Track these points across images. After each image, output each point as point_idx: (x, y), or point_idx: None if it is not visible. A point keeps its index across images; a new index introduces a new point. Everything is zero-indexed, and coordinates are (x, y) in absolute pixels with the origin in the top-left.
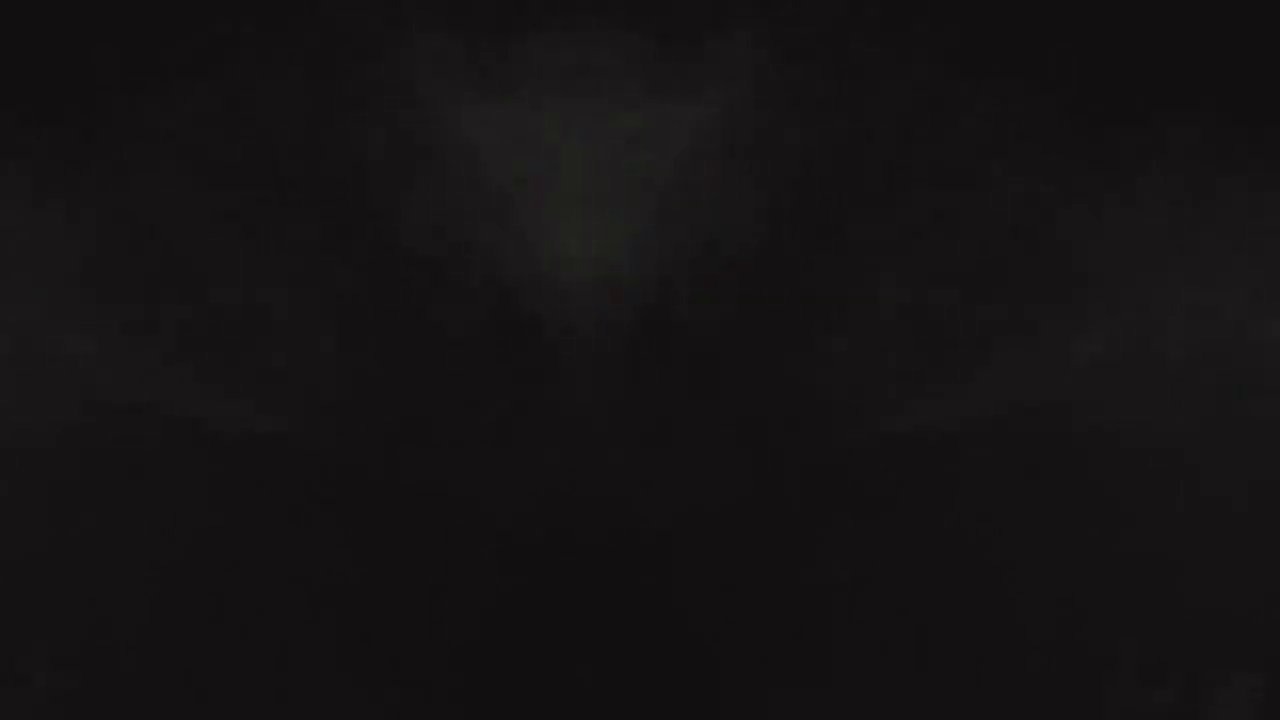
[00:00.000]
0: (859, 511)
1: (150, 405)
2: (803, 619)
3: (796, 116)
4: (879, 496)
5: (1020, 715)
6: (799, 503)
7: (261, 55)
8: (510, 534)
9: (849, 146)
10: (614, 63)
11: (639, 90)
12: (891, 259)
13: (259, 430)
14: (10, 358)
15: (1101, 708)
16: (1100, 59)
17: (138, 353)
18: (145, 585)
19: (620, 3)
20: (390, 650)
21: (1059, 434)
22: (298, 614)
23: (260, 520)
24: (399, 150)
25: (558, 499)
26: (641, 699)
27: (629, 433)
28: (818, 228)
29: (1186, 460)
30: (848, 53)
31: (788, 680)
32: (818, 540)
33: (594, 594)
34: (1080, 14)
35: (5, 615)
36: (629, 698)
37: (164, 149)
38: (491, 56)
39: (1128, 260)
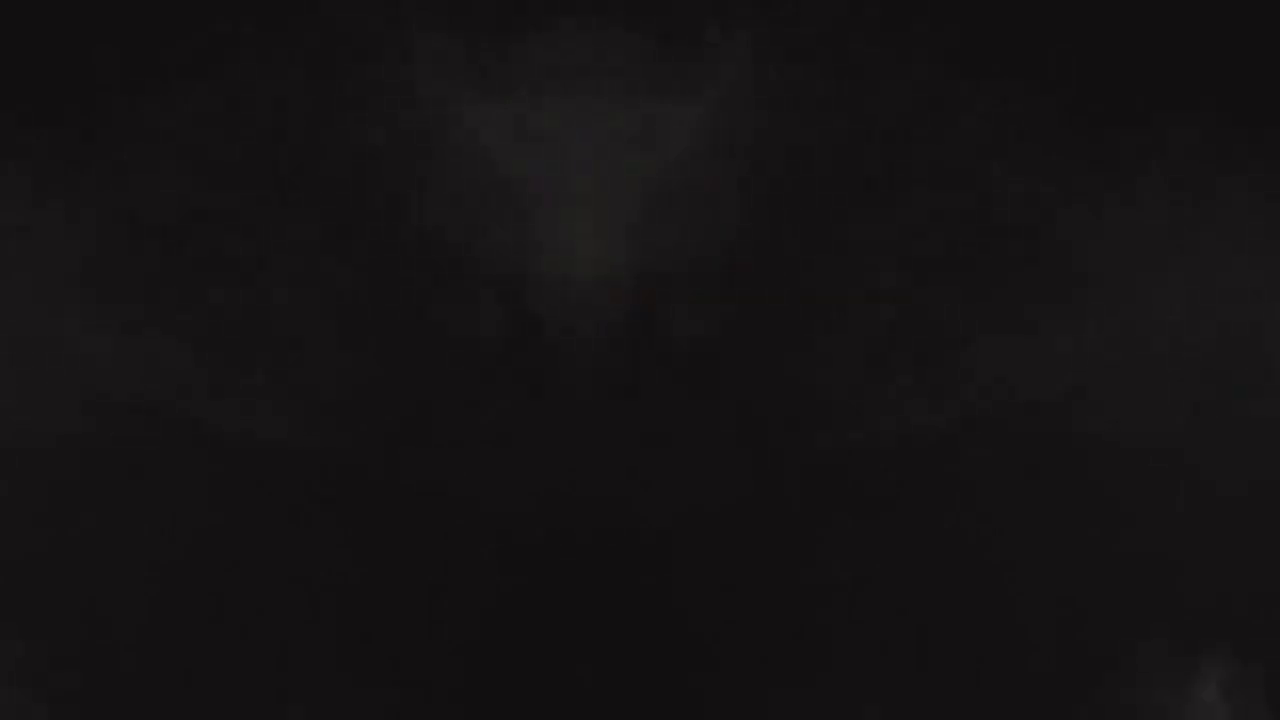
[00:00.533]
0: (859, 511)
1: (150, 405)
2: (803, 619)
3: (796, 116)
4: (879, 496)
5: (1020, 715)
6: (799, 503)
7: (261, 55)
8: (510, 534)
9: (849, 146)
10: (614, 62)
11: (639, 90)
12: (891, 258)
13: (259, 430)
14: (10, 358)
15: (1101, 707)
16: (1100, 59)
17: (138, 353)
18: (145, 585)
19: (621, 2)
20: (390, 650)
21: (1059, 434)
22: (298, 614)
23: (260, 520)
24: (398, 150)
25: (558, 499)
26: (641, 699)
27: (629, 432)
28: (817, 227)
29: (1186, 460)
30: (848, 53)
31: (788, 680)
32: (818, 540)
33: (594, 594)
34: (1080, 14)
35: (5, 615)
36: (629, 698)
37: (164, 149)
38: (491, 56)
39: (1128, 260)
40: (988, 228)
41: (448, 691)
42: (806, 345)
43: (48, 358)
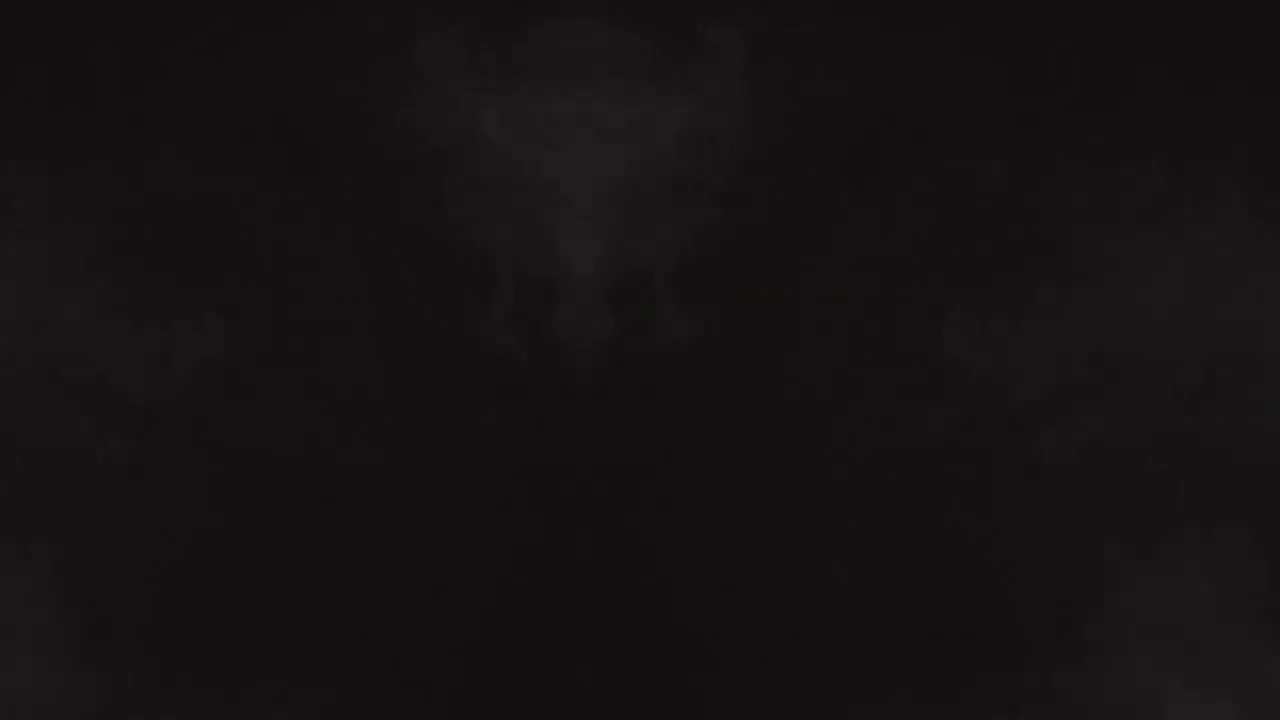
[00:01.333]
0: (859, 511)
1: (151, 406)
2: (803, 619)
3: (795, 115)
4: (879, 496)
5: (1020, 714)
6: (799, 502)
7: (262, 55)
8: (510, 534)
9: (845, 144)
10: (614, 61)
11: (639, 89)
12: (888, 258)
13: (261, 430)
14: (12, 357)
15: (1100, 707)
16: (1097, 53)
17: (138, 353)
18: (146, 585)
19: (621, 2)
20: (390, 650)
21: (1055, 433)
22: (298, 614)
23: (261, 520)
24: (397, 149)
25: (557, 499)
26: (641, 699)
27: (628, 432)
28: (816, 225)
29: (1182, 461)
30: (844, 53)
31: (788, 680)
32: (818, 540)
33: (594, 594)
34: (1078, 13)
35: (5, 614)
36: (629, 697)
37: (165, 149)
38: (491, 56)
39: (1126, 259)
40: (985, 227)
41: (448, 691)
42: (808, 344)
43: (47, 356)
